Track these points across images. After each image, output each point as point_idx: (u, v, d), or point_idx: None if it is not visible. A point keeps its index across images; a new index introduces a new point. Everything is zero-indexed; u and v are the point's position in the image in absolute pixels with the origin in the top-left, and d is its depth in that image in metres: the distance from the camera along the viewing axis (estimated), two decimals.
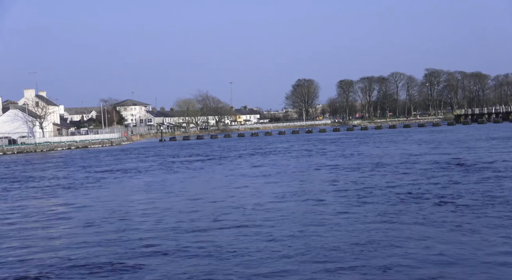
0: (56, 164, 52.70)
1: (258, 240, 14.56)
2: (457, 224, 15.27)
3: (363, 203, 19.56)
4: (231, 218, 18.01)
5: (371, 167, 32.85)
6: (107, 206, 22.41)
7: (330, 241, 14.05)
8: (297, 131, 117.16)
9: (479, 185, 22.43)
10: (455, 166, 30.10)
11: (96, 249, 14.53)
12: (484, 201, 18.53)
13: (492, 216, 16.10)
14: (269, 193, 23.67)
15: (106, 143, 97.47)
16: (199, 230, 16.28)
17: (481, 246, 12.96)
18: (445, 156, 37.44)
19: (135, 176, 35.72)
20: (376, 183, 24.83)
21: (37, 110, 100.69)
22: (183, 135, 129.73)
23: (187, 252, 13.65)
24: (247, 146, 72.13)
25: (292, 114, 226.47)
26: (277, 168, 36.55)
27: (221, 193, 24.53)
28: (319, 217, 17.47)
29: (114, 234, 16.36)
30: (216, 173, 35.36)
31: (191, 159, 50.07)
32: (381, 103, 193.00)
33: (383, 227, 15.49)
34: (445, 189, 21.77)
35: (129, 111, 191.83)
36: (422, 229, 14.98)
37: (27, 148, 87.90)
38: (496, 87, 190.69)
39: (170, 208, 20.93)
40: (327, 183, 26.34)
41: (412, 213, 17.18)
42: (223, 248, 13.80)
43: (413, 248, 13.04)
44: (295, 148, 60.56)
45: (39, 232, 17.66)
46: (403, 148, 49.57)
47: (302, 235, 14.88)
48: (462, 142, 53.00)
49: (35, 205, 24.25)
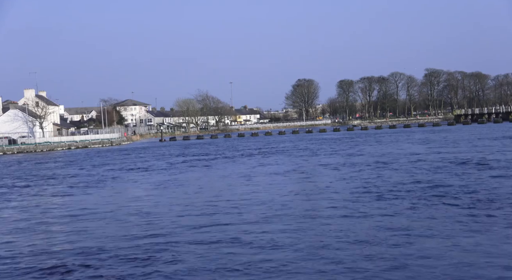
0: (67, 163, 52.81)
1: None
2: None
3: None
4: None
5: (397, 165, 32.34)
6: (175, 201, 22.93)
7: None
8: (297, 131, 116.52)
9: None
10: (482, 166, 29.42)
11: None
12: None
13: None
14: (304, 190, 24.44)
15: (106, 143, 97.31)
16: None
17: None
18: (465, 155, 37.06)
19: (159, 174, 36.31)
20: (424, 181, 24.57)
21: (37, 110, 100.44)
22: (183, 135, 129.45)
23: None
24: (252, 145, 71.88)
25: (292, 114, 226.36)
26: (294, 165, 37.17)
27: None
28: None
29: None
30: (244, 170, 35.78)
31: (202, 158, 50.13)
32: (381, 103, 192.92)
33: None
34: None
35: (129, 111, 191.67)
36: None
37: (27, 148, 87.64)
38: (496, 87, 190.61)
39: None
40: (360, 180, 26.48)
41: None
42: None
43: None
44: (301, 147, 60.51)
45: (92, 224, 18.40)
46: (411, 147, 49.40)
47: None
48: (469, 141, 52.78)
49: (80, 200, 24.77)
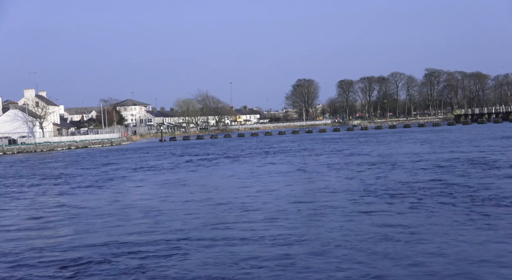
0: (71, 163, 53.08)
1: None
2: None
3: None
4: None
5: (407, 165, 32.26)
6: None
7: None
8: (297, 131, 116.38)
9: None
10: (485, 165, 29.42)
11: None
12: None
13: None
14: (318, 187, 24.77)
15: (106, 143, 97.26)
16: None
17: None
18: (469, 154, 37.04)
19: (171, 173, 36.67)
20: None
21: (37, 110, 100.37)
22: (183, 135, 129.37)
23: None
24: (253, 145, 71.81)
25: (292, 114, 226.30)
26: (298, 165, 37.40)
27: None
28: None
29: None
30: (254, 169, 35.99)
31: (206, 158, 50.36)
32: (381, 103, 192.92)
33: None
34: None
35: (129, 111, 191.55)
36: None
37: (27, 148, 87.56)
38: (496, 87, 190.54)
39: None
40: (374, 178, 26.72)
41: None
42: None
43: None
44: (304, 147, 60.60)
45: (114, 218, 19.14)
46: (413, 146, 49.37)
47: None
48: (472, 141, 52.77)
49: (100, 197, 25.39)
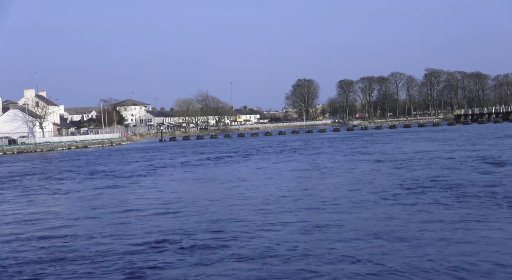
0: (89, 161, 53.89)
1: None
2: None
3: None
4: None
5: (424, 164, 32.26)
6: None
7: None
8: (297, 131, 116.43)
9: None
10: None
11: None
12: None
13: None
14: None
15: (106, 143, 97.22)
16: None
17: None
18: (476, 153, 37.10)
19: (193, 169, 37.98)
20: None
21: (37, 110, 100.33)
22: (183, 135, 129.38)
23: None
24: (257, 144, 71.77)
25: (292, 114, 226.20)
26: (309, 163, 37.90)
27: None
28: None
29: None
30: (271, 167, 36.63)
31: (219, 156, 51.52)
32: (381, 103, 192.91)
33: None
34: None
35: (129, 111, 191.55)
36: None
37: (27, 148, 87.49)
38: (496, 87, 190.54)
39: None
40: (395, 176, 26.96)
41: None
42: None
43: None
44: (309, 146, 60.74)
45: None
46: (420, 146, 49.64)
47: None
48: (469, 140, 52.85)
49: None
